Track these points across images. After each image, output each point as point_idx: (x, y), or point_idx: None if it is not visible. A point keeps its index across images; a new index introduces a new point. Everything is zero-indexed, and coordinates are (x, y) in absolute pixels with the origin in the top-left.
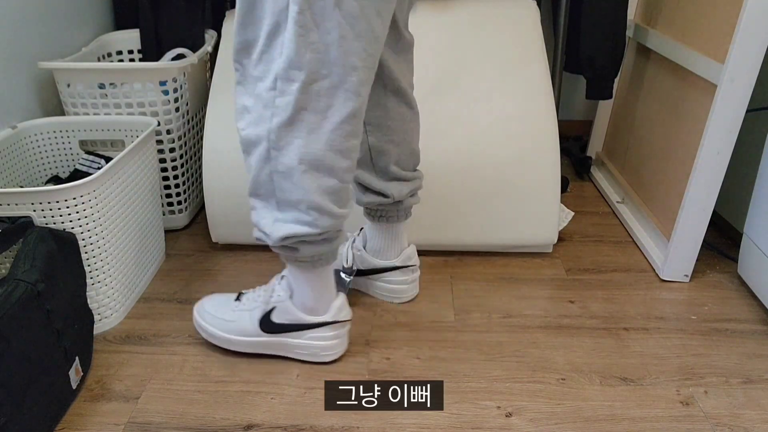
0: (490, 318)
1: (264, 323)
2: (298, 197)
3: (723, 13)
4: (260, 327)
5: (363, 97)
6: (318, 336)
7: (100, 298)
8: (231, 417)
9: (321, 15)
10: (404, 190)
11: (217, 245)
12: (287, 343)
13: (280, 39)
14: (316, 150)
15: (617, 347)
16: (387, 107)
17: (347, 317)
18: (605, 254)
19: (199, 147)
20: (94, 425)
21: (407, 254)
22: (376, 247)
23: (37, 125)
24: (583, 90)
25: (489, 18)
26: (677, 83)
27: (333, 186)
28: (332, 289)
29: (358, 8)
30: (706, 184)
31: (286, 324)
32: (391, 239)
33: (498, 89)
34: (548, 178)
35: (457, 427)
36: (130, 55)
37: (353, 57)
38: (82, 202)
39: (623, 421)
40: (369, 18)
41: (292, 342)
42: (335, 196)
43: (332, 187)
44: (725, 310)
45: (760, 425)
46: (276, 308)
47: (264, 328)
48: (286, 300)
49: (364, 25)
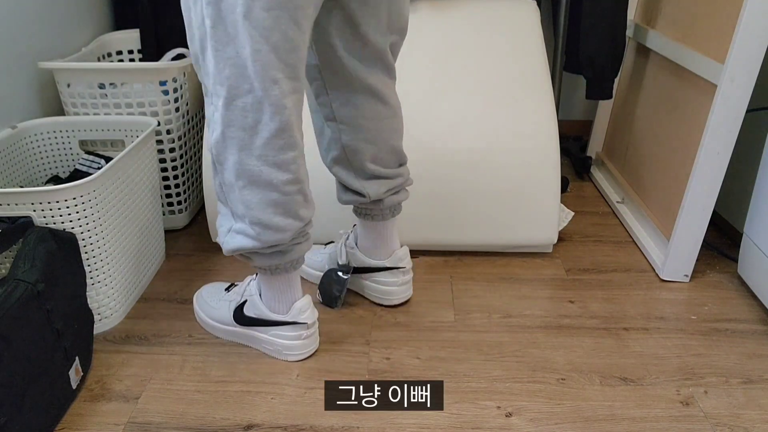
0: (490, 318)
1: (236, 314)
2: (242, 212)
3: (723, 13)
4: (233, 317)
5: (291, 108)
6: (280, 334)
7: (100, 298)
8: (231, 417)
9: (234, 28)
10: (381, 189)
11: (217, 245)
12: (255, 336)
13: (207, 54)
14: (251, 166)
15: (617, 347)
16: (357, 105)
17: (308, 320)
18: (605, 254)
19: (199, 147)
20: (94, 425)
21: (399, 255)
22: (365, 246)
23: (37, 125)
24: (583, 90)
25: (489, 18)
26: (677, 83)
27: (275, 199)
28: (295, 290)
29: (270, 19)
30: (706, 184)
31: (254, 318)
32: (379, 238)
33: (498, 89)
34: (548, 178)
35: (457, 427)
36: (130, 55)
37: (272, 70)
38: (82, 202)
39: (623, 421)
40: (284, 28)
41: (259, 336)
42: (280, 208)
43: (274, 200)
44: (725, 310)
45: (760, 425)
46: (247, 301)
47: (236, 318)
48: (255, 294)
49: (278, 35)
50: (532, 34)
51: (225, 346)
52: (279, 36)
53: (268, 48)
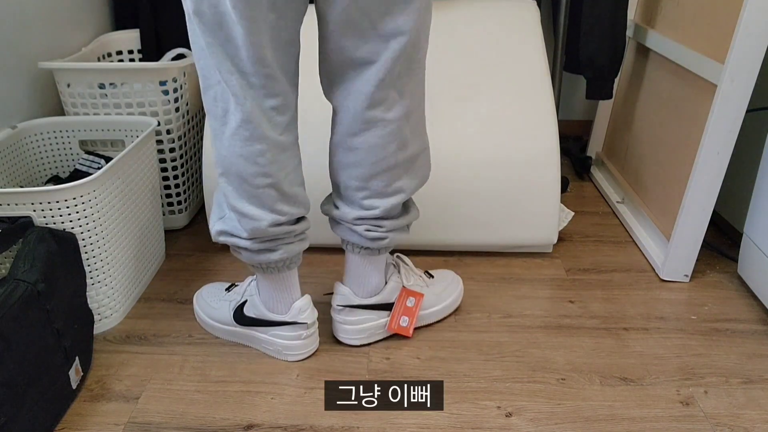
0: (490, 318)
1: (236, 314)
2: (223, 199)
3: (723, 13)
4: (233, 317)
5: (250, 101)
6: (279, 334)
7: (100, 298)
8: (231, 417)
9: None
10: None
11: (217, 245)
12: (255, 336)
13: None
14: (224, 155)
15: (617, 347)
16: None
17: (308, 320)
18: (605, 254)
19: (199, 147)
20: (94, 425)
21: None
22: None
23: (37, 125)
24: (583, 90)
25: (489, 18)
26: (677, 83)
27: (247, 190)
28: (294, 290)
29: (211, 16)
30: (706, 184)
31: (254, 318)
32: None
33: (498, 89)
34: (548, 178)
35: (457, 427)
36: (130, 55)
37: (227, 62)
38: (82, 202)
39: (623, 421)
40: (226, 25)
41: (259, 336)
42: (254, 200)
43: (246, 191)
44: (725, 310)
45: (760, 425)
46: (248, 301)
47: (236, 318)
48: (255, 295)
49: (224, 33)
50: (532, 34)
51: (225, 346)
52: (224, 33)
53: (218, 42)
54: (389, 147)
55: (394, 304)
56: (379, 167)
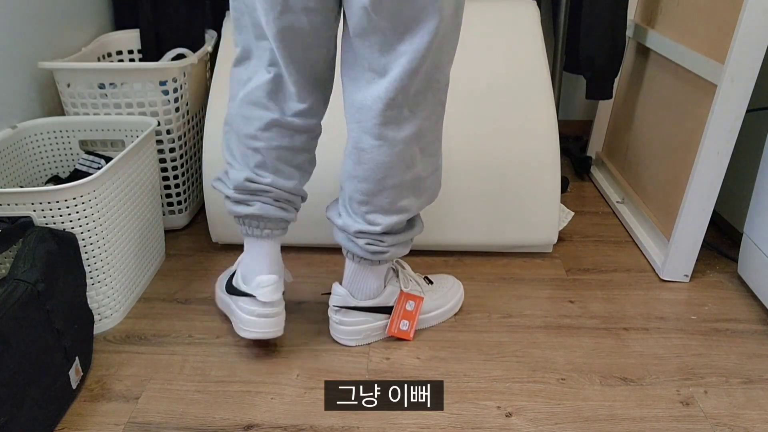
0: (490, 318)
1: (228, 283)
2: (223, 150)
3: (723, 13)
4: (225, 286)
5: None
6: (240, 306)
7: (100, 298)
8: (231, 417)
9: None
10: None
11: (217, 245)
12: (230, 306)
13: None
14: (232, 113)
15: (617, 347)
16: None
17: (263, 298)
18: (605, 254)
19: (199, 147)
20: (94, 425)
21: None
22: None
23: (37, 125)
24: (583, 90)
25: (489, 18)
26: (677, 83)
27: (241, 150)
28: (264, 263)
29: None
30: (706, 184)
31: (233, 287)
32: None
33: (498, 89)
34: (548, 178)
35: (457, 427)
36: (130, 55)
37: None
38: (82, 202)
39: (623, 421)
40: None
41: (231, 306)
42: (247, 159)
43: (239, 149)
44: (725, 310)
45: (760, 425)
46: (236, 271)
47: (227, 287)
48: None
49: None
50: (532, 34)
51: (225, 346)
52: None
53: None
54: (397, 166)
55: (392, 308)
56: (384, 184)
